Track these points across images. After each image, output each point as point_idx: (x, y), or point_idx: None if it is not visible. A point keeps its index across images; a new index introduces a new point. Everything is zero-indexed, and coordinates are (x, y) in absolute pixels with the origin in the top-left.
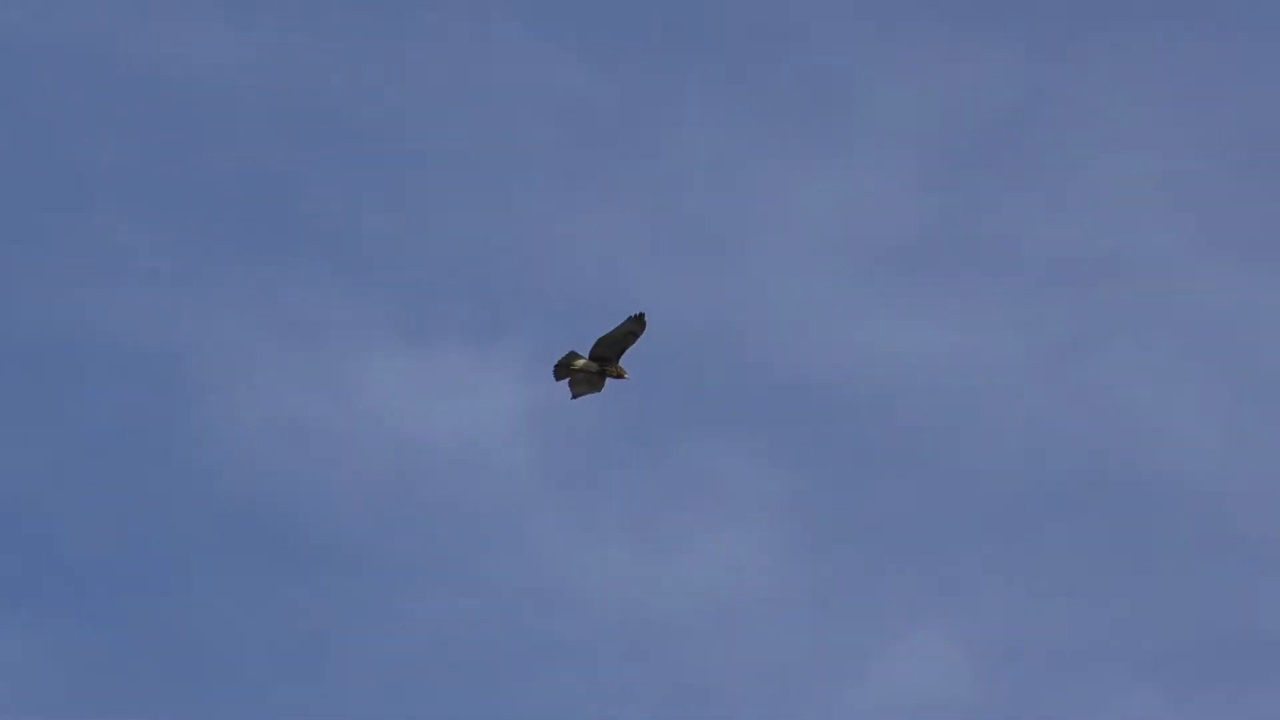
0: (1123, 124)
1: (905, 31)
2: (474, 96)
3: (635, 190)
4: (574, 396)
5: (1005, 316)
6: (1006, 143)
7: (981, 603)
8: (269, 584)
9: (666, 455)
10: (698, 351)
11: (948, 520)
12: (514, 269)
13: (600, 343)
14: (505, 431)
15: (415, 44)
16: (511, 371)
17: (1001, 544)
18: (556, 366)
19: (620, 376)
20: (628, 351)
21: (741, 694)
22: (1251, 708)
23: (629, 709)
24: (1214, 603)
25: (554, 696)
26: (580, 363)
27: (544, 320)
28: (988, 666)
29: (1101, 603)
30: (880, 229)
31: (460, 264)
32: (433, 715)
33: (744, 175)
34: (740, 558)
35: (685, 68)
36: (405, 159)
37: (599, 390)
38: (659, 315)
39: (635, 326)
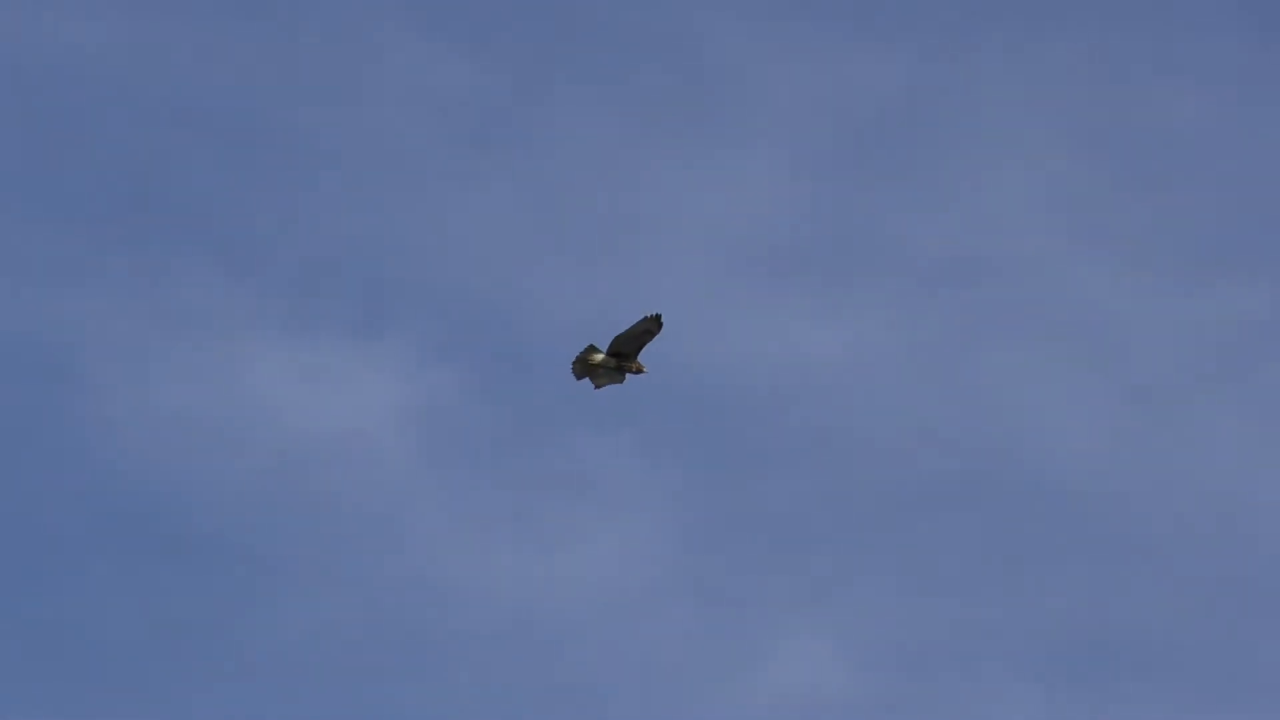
0: (1003, 126)
1: (791, 31)
2: (360, 92)
3: (520, 187)
4: (596, 387)
5: (885, 316)
6: (889, 144)
7: (861, 600)
8: (152, 577)
9: (550, 451)
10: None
11: (828, 518)
12: (398, 264)
13: (617, 340)
14: (389, 425)
15: (302, 38)
16: (396, 365)
17: (880, 542)
18: (575, 363)
19: (639, 371)
20: (645, 348)
21: (623, 689)
22: (1125, 705)
23: (511, 704)
24: (1089, 601)
25: (436, 691)
26: (598, 358)
27: (428, 315)
28: (865, 663)
29: (978, 601)
30: (763, 227)
31: (344, 258)
32: (316, 709)
33: (628, 172)
34: (622, 554)
35: (571, 65)
36: (291, 153)
37: (620, 382)
38: (541, 310)
39: (651, 325)
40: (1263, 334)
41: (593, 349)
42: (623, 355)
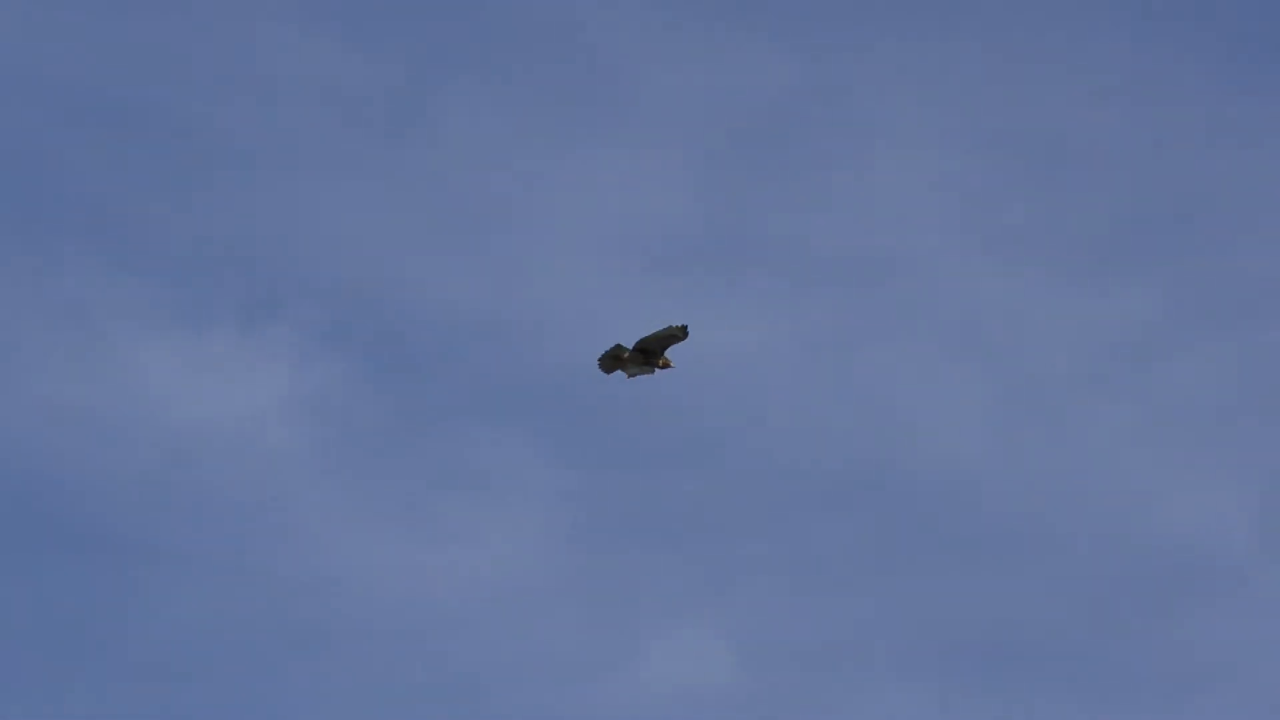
0: (893, 124)
1: (683, 26)
2: (247, 83)
3: (408, 179)
4: (629, 376)
5: (774, 313)
6: (779, 141)
7: (749, 597)
8: (36, 571)
9: (439, 444)
10: (472, 341)
11: (718, 514)
12: (286, 254)
13: (643, 340)
14: (276, 416)
15: (190, 29)
16: (283, 356)
17: (770, 539)
18: (602, 359)
19: (666, 367)
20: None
21: (511, 683)
22: (1010, 702)
23: (400, 698)
24: (974, 599)
25: (325, 685)
26: (626, 355)
27: (316, 305)
28: (751, 661)
29: (864, 599)
30: (653, 224)
31: (231, 249)
32: (203, 704)
33: (518, 167)
34: (512, 548)
35: (461, 58)
36: (177, 144)
37: (651, 373)
38: (431, 302)
39: (677, 332)
40: (1151, 334)
41: (620, 348)
42: (649, 353)
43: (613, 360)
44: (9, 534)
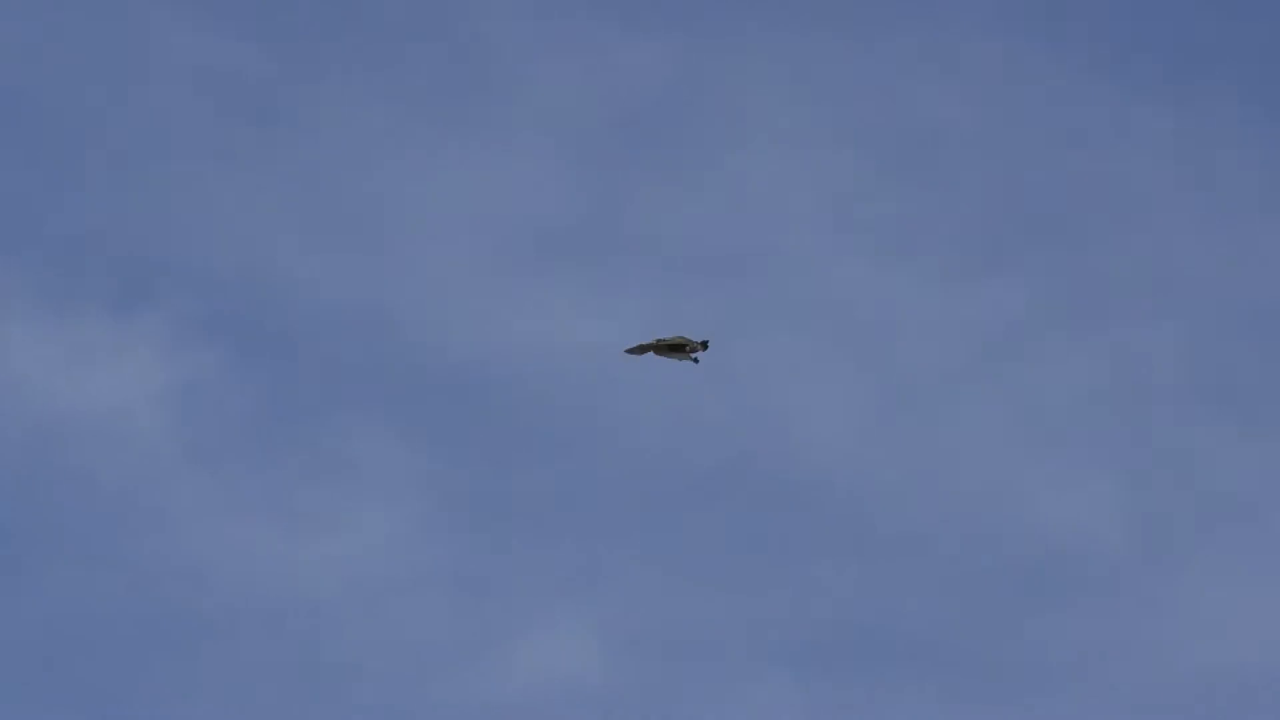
0: (769, 119)
1: (561, 19)
2: (125, 70)
3: (287, 169)
4: (658, 354)
5: (649, 305)
6: (656, 134)
7: (619, 588)
8: None
9: (310, 434)
10: (345, 331)
11: (590, 507)
12: (159, 242)
13: (663, 340)
14: (148, 403)
15: (68, 15)
16: (156, 344)
17: (641, 532)
18: (629, 349)
19: (696, 351)
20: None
21: (380, 670)
22: (878, 693)
23: (271, 686)
24: (844, 591)
25: (194, 672)
26: (654, 346)
27: (189, 294)
28: (622, 650)
29: (734, 592)
30: (530, 215)
31: (105, 235)
32: (71, 689)
33: (397, 156)
34: (382, 538)
35: (337, 48)
36: (52, 130)
37: (679, 359)
38: (306, 291)
39: (696, 346)
40: (1020, 331)
41: (642, 347)
42: (674, 346)
43: (640, 349)
44: None
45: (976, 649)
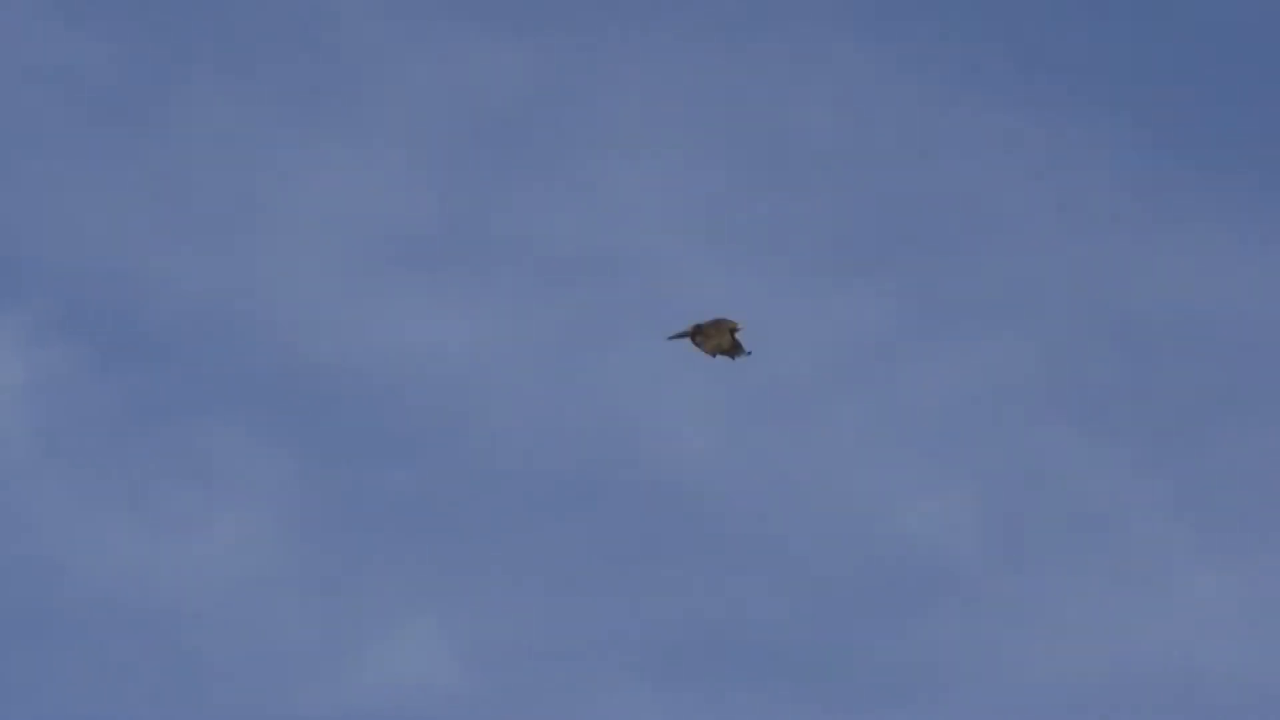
0: (632, 123)
1: (423, 22)
2: None
3: (147, 168)
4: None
5: (510, 310)
6: (517, 138)
7: (476, 595)
8: None
9: (170, 434)
10: (206, 331)
11: (448, 511)
12: (15, 238)
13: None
14: (7, 401)
15: None
16: (12, 341)
17: (501, 537)
18: (671, 337)
19: (735, 331)
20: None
21: (235, 675)
22: (740, 704)
23: (128, 687)
24: (708, 601)
25: (48, 673)
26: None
27: (45, 291)
28: (479, 658)
29: (595, 599)
30: (390, 219)
31: None
32: None
33: (259, 157)
34: (238, 540)
35: (202, 48)
36: None
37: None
38: (165, 291)
39: (730, 326)
40: (888, 338)
41: (684, 332)
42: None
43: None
44: None
45: (835, 656)
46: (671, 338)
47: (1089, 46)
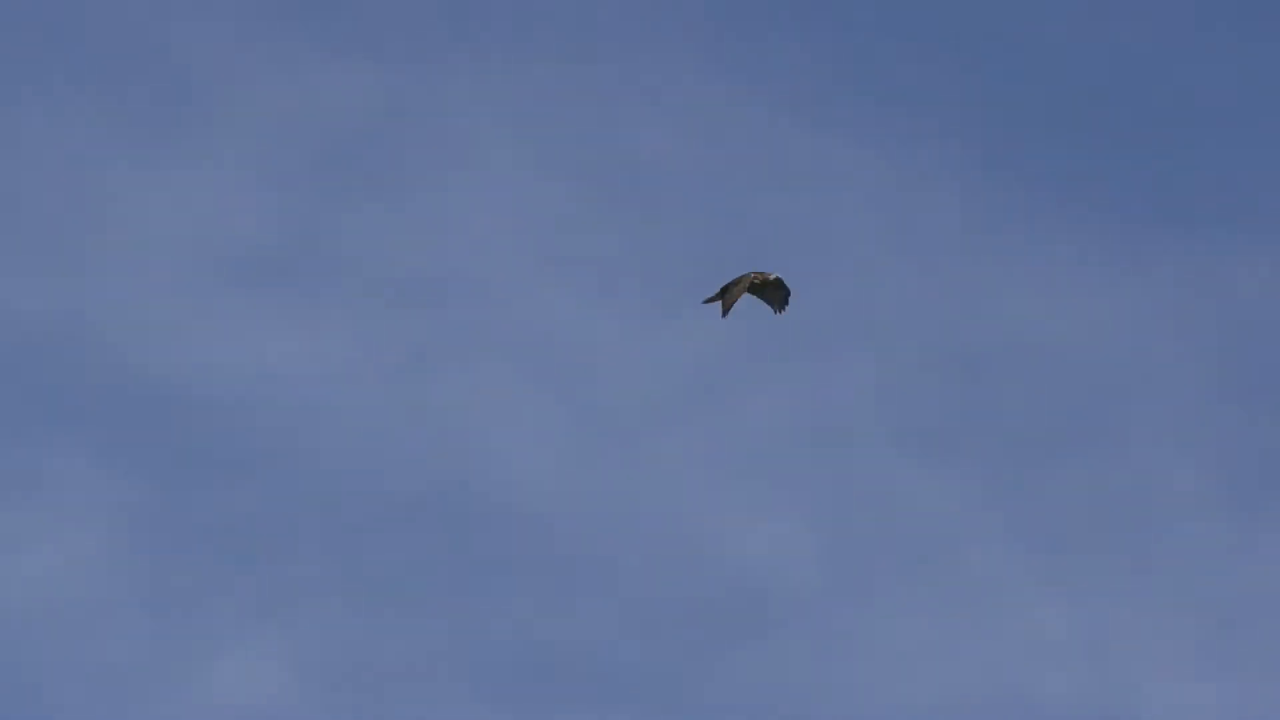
0: (473, 145)
1: (266, 42)
2: None
3: None
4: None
5: (349, 331)
6: (358, 158)
7: (310, 616)
8: None
9: (3, 450)
10: (37, 348)
11: (284, 531)
12: None
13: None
14: None
15: None
16: None
17: (338, 559)
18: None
19: (763, 283)
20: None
21: (65, 697)
22: None
23: None
24: (542, 624)
25: None
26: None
27: None
28: (313, 680)
29: (433, 621)
30: (230, 238)
31: None
32: None
33: (98, 173)
34: (66, 559)
35: (42, 63)
36: None
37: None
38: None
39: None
40: (726, 363)
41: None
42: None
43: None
44: None
45: (667, 681)
46: (707, 302)
47: (929, 77)
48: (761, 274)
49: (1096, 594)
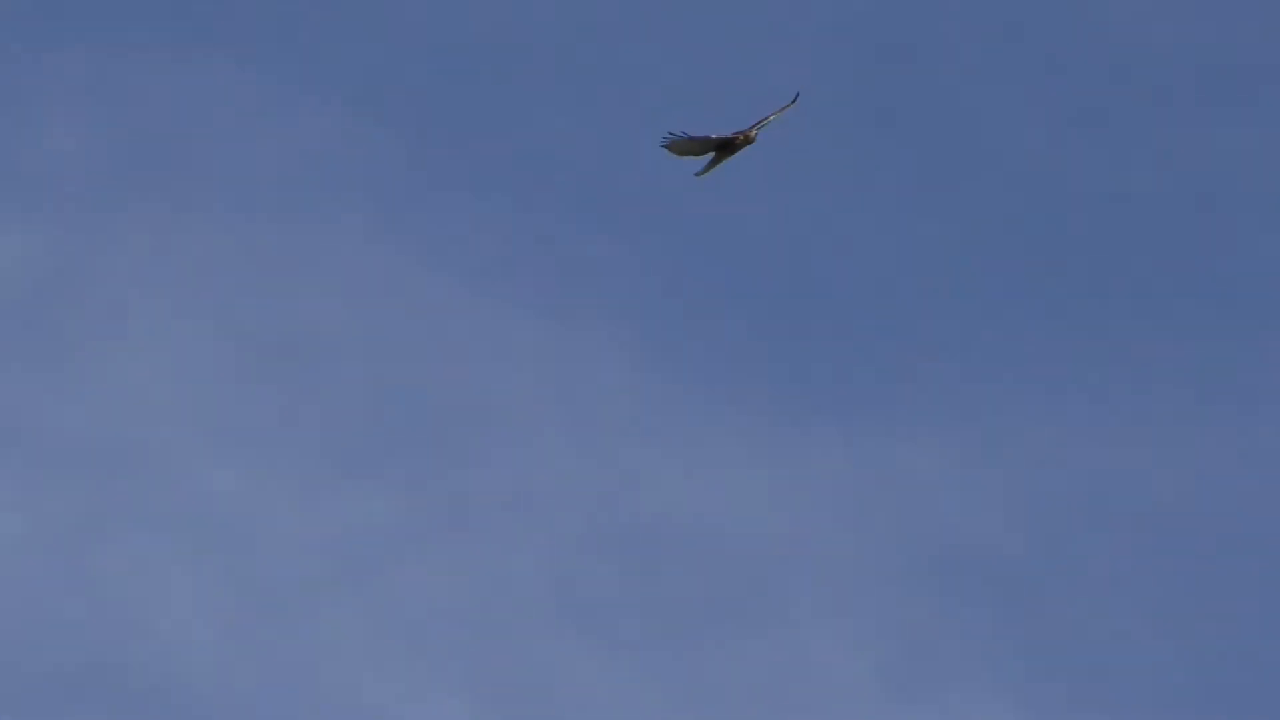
0: (142, 311)
1: None
2: None
3: None
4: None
5: (14, 501)
6: (26, 324)
7: None
8: None
9: None
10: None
11: None
12: None
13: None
14: None
15: None
16: None
17: None
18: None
19: (748, 141)
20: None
21: None
22: None
23: None
24: None
25: None
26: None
27: None
28: None
29: None
30: None
31: None
32: None
33: None
34: None
35: None
36: None
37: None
38: None
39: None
40: (384, 539)
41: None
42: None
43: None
44: None
45: None
46: (700, 175)
47: (601, 251)
48: (745, 133)
49: None
